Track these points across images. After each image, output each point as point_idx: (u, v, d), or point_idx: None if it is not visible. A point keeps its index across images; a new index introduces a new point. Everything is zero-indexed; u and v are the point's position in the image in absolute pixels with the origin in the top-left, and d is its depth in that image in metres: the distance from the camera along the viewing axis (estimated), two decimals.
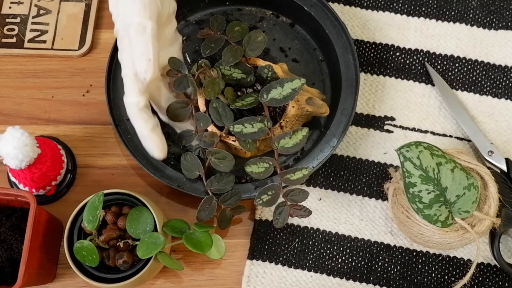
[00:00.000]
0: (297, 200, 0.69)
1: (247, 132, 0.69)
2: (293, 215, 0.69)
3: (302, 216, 0.69)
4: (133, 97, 0.68)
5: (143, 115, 0.69)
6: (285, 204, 0.69)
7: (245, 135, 0.69)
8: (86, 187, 0.77)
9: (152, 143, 0.70)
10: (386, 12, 0.85)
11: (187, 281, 0.74)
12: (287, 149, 0.69)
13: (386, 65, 0.82)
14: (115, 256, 0.66)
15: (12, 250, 0.68)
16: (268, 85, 0.69)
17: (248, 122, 0.69)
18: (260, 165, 0.69)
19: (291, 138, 0.68)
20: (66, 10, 0.85)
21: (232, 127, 0.69)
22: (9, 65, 0.83)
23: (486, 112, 0.80)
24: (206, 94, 0.69)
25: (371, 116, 0.80)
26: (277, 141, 0.68)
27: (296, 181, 0.69)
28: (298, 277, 0.73)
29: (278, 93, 0.68)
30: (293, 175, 0.69)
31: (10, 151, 0.66)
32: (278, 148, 0.69)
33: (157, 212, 0.67)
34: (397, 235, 0.75)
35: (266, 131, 0.69)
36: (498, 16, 0.84)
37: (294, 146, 0.68)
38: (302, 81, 0.68)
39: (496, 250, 0.71)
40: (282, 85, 0.68)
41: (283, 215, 0.70)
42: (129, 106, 0.69)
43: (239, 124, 0.69)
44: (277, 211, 0.70)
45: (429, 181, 0.67)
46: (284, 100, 0.68)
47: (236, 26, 0.74)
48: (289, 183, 0.69)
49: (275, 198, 0.70)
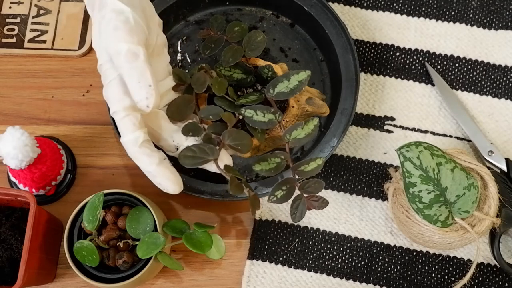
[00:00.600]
0: (314, 191, 0.66)
1: (257, 119, 0.67)
2: (311, 207, 0.66)
3: (319, 207, 0.66)
4: (130, 134, 0.63)
5: (146, 151, 0.63)
6: (302, 197, 0.66)
7: (254, 122, 0.67)
8: (86, 187, 0.77)
9: (162, 178, 0.64)
10: (386, 12, 0.85)
11: (187, 281, 0.74)
12: (299, 140, 0.67)
13: (386, 65, 0.82)
14: (115, 256, 0.66)
15: (12, 250, 0.68)
16: (274, 80, 0.68)
17: (261, 110, 0.67)
18: (272, 160, 0.67)
19: (303, 129, 0.67)
20: (66, 10, 0.85)
21: (244, 110, 0.67)
22: (9, 65, 0.83)
23: (486, 112, 0.80)
24: (214, 90, 0.68)
25: (371, 116, 0.80)
26: (288, 133, 0.67)
27: (311, 172, 0.66)
28: (298, 277, 0.73)
29: (284, 86, 0.68)
30: (307, 166, 0.66)
31: (10, 151, 0.66)
32: (290, 140, 0.67)
33: (157, 212, 0.67)
34: (397, 235, 0.75)
35: (275, 123, 0.67)
36: (498, 16, 0.84)
37: (306, 136, 0.66)
38: (308, 72, 0.67)
39: (496, 250, 0.71)
40: (288, 78, 0.68)
41: (301, 208, 0.66)
42: (127, 145, 0.63)
43: (251, 109, 0.67)
44: (294, 205, 0.66)
45: (429, 181, 0.67)
46: (292, 93, 0.67)
47: (236, 26, 0.74)
48: (303, 175, 0.66)
49: (290, 192, 0.66)
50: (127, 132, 0.63)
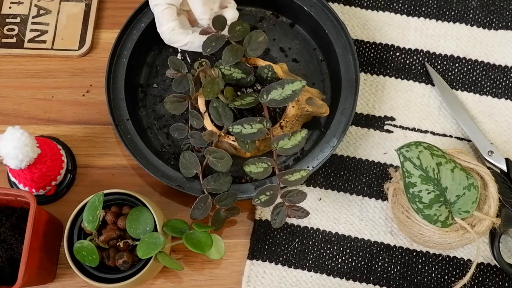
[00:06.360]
0: (295, 201, 0.69)
1: (246, 132, 0.69)
2: (291, 215, 0.69)
3: (299, 217, 0.69)
4: (168, 23, 0.73)
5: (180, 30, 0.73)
6: (283, 205, 0.69)
7: (244, 135, 0.69)
8: (86, 187, 0.77)
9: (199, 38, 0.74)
10: (386, 12, 0.85)
11: (187, 281, 0.74)
12: (285, 150, 0.69)
13: (386, 65, 0.82)
14: (115, 256, 0.66)
15: (12, 250, 0.68)
16: (269, 86, 0.69)
17: (247, 123, 0.69)
18: (259, 165, 0.69)
19: (290, 140, 0.68)
20: (66, 10, 0.85)
21: (231, 127, 0.69)
22: (9, 65, 0.83)
23: (486, 112, 0.80)
24: (205, 94, 0.69)
25: (371, 116, 0.80)
26: (276, 142, 0.68)
27: (294, 182, 0.69)
28: (298, 277, 0.73)
29: (278, 94, 0.68)
30: (292, 176, 0.69)
31: (10, 151, 0.66)
32: (277, 149, 0.69)
33: (157, 212, 0.67)
34: (397, 235, 0.75)
35: (265, 131, 0.69)
36: (498, 16, 0.84)
37: (292, 147, 0.68)
38: (303, 83, 0.68)
39: (496, 250, 0.71)
40: (282, 86, 0.68)
41: (280, 216, 0.70)
42: (166, 34, 0.74)
43: (238, 125, 0.69)
44: (275, 212, 0.70)
45: (429, 181, 0.67)
46: (284, 102, 0.68)
47: (237, 25, 0.74)
48: (287, 184, 0.69)
49: (273, 198, 0.70)
50: (166, 22, 0.73)
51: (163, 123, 0.79)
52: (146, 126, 0.79)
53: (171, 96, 0.73)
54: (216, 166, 0.70)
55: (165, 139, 0.78)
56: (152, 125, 0.79)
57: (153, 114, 0.80)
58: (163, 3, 0.73)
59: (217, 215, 0.72)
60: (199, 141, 0.72)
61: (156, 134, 0.79)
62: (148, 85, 0.81)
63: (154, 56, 0.82)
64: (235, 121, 0.69)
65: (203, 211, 0.70)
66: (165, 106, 0.73)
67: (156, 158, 0.74)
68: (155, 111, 0.80)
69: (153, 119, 0.80)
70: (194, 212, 0.70)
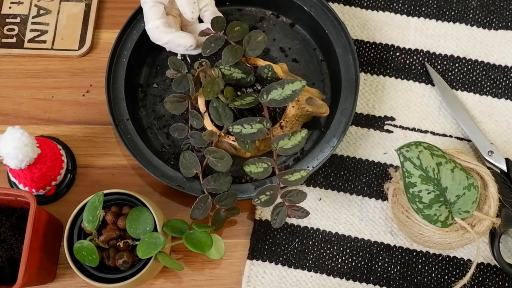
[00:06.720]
0: (295, 201, 0.69)
1: (246, 132, 0.69)
2: (291, 215, 0.69)
3: (299, 217, 0.69)
4: (154, 21, 0.74)
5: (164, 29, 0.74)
6: (283, 205, 0.69)
7: (244, 135, 0.69)
8: (86, 187, 0.77)
9: (180, 38, 0.74)
10: (386, 12, 0.85)
11: (187, 281, 0.74)
12: (285, 150, 0.69)
13: (386, 65, 0.82)
14: (115, 256, 0.66)
15: (12, 250, 0.68)
16: (269, 86, 0.69)
17: (247, 123, 0.69)
18: (259, 165, 0.69)
19: (290, 140, 0.68)
20: (66, 10, 0.85)
21: (231, 127, 0.69)
22: (9, 65, 0.83)
23: (486, 112, 0.80)
24: (205, 94, 0.69)
25: (371, 116, 0.80)
26: (275, 142, 0.68)
27: (294, 182, 0.69)
28: (298, 277, 0.73)
29: (278, 94, 0.68)
30: (291, 176, 0.69)
31: (10, 151, 0.66)
32: (277, 149, 0.69)
33: (157, 212, 0.67)
34: (397, 235, 0.75)
35: (265, 131, 0.69)
36: (498, 16, 0.84)
37: (292, 147, 0.68)
38: (303, 83, 0.68)
39: (496, 250, 0.71)
40: (282, 86, 0.68)
41: (280, 216, 0.70)
42: (151, 31, 0.75)
43: (238, 125, 0.69)
44: (275, 212, 0.70)
45: (429, 181, 0.67)
46: (284, 102, 0.68)
47: (236, 26, 0.74)
48: (287, 184, 0.69)
49: (273, 198, 0.70)
50: (152, 20, 0.74)
51: (163, 123, 0.79)
52: (146, 126, 0.79)
53: (171, 96, 0.73)
54: (216, 166, 0.70)
55: (165, 139, 0.78)
56: (152, 125, 0.79)
57: (153, 114, 0.80)
58: (150, 1, 0.74)
59: (217, 215, 0.72)
60: (199, 141, 0.72)
61: (156, 134, 0.79)
62: (148, 85, 0.81)
63: (154, 56, 0.82)
64: (235, 121, 0.69)
65: (203, 211, 0.70)
66: (165, 106, 0.73)
67: (156, 158, 0.74)
68: (155, 111, 0.80)
69: (153, 119, 0.80)
70: (194, 212, 0.70)
